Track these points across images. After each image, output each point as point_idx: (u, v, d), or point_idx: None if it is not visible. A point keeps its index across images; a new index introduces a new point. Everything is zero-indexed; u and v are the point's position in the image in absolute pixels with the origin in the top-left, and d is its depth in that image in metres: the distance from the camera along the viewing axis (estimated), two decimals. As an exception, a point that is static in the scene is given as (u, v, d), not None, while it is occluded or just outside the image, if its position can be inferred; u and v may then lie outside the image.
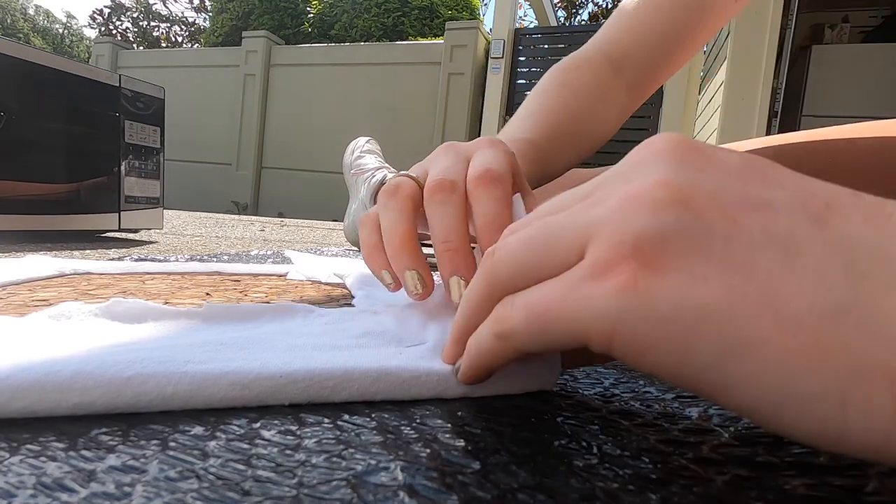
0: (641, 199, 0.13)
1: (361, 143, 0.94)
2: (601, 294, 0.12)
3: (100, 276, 0.40)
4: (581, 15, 9.68)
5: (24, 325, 0.21)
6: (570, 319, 0.13)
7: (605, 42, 0.49)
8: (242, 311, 0.25)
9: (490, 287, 0.16)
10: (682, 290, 0.11)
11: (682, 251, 0.12)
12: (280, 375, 0.17)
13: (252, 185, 5.21)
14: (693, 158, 0.13)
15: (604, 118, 0.47)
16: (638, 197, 0.13)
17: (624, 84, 0.48)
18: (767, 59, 2.49)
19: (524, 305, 0.15)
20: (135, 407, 0.16)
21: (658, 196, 0.12)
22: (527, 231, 0.16)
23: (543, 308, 0.14)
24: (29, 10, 17.93)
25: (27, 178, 0.80)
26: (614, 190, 0.14)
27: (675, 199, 0.12)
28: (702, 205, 0.12)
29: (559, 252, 0.14)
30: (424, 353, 0.21)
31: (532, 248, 0.15)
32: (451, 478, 0.13)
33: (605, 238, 0.13)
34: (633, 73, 0.48)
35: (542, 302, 0.14)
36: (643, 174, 0.13)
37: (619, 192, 0.13)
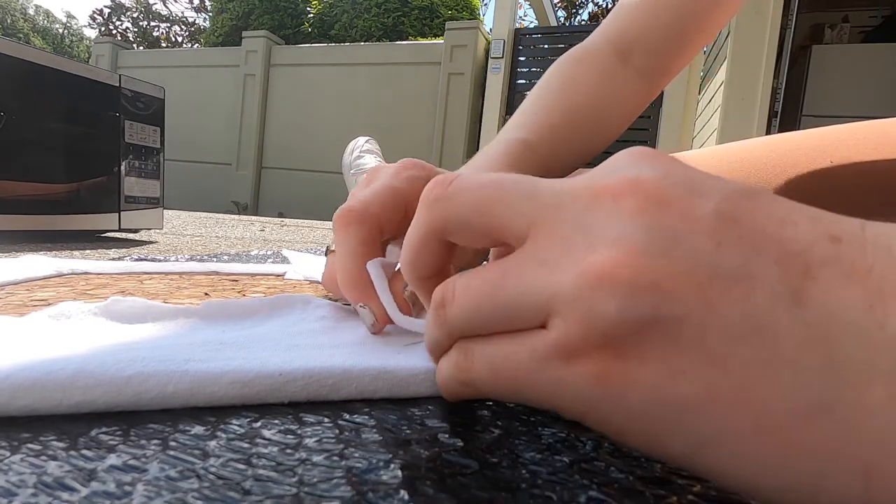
0: (612, 279, 0.11)
1: (361, 143, 0.94)
2: (571, 380, 0.12)
3: (98, 276, 0.40)
4: (581, 15, 9.69)
5: (25, 324, 0.21)
6: (540, 393, 0.13)
7: (612, 30, 0.46)
8: (240, 306, 0.25)
9: (447, 332, 0.15)
10: (656, 384, 0.11)
11: (656, 341, 0.11)
12: (280, 374, 0.17)
13: (252, 185, 5.21)
14: (662, 216, 0.12)
15: (611, 112, 0.45)
16: (608, 276, 0.12)
17: (633, 74, 0.45)
18: (767, 59, 2.49)
19: (488, 363, 0.14)
20: (136, 405, 0.16)
21: (629, 278, 0.11)
22: (480, 284, 0.14)
23: (510, 374, 0.13)
24: (29, 10, 17.93)
25: (27, 178, 0.80)
26: (574, 250, 0.13)
27: (647, 282, 0.11)
28: (676, 286, 0.11)
29: (521, 313, 0.13)
30: (422, 351, 0.21)
31: (487, 302, 0.14)
32: (451, 478, 0.13)
33: (573, 320, 0.12)
34: (644, 60, 0.45)
35: (507, 367, 0.14)
36: (609, 236, 0.12)
37: (581, 259, 0.12)
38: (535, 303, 0.13)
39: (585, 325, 0.12)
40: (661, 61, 0.46)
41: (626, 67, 0.45)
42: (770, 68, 2.51)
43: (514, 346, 0.13)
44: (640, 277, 0.11)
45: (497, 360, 0.14)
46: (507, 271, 0.14)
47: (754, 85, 2.52)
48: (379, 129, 3.82)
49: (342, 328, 0.24)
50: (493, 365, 0.14)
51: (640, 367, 0.11)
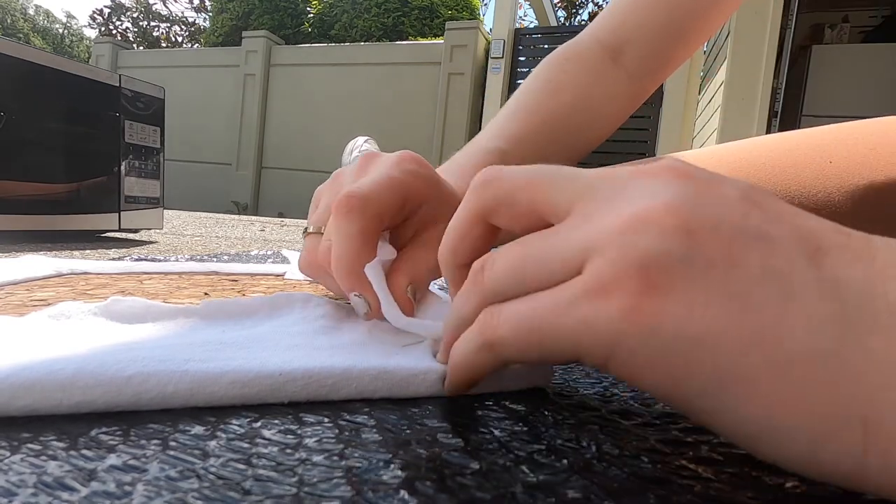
0: (648, 221, 0.13)
1: (360, 143, 0.94)
2: (601, 315, 0.12)
3: (97, 276, 0.40)
4: (581, 15, 9.69)
5: (24, 324, 0.21)
6: (565, 338, 0.13)
7: (602, 29, 0.45)
8: (240, 305, 0.25)
9: (482, 297, 0.16)
10: (683, 316, 0.12)
11: (685, 278, 0.12)
12: (279, 374, 0.17)
13: (252, 185, 5.21)
14: (695, 187, 0.13)
15: (601, 113, 0.44)
16: (645, 219, 0.13)
17: (624, 74, 0.44)
18: (767, 59, 2.49)
19: (514, 317, 0.14)
20: (136, 405, 0.16)
21: (665, 221, 0.12)
22: (521, 248, 0.15)
23: (536, 323, 0.14)
24: (29, 10, 17.93)
25: (27, 178, 0.80)
26: (615, 208, 0.14)
27: (681, 226, 0.12)
28: (704, 237, 0.12)
29: (555, 266, 0.14)
30: (422, 351, 0.21)
31: (526, 261, 0.15)
32: (450, 478, 0.13)
33: (609, 256, 0.13)
34: (635, 61, 0.44)
35: (535, 316, 0.14)
36: (647, 195, 0.13)
37: (622, 211, 0.13)
38: (574, 251, 0.14)
39: (620, 259, 0.12)
40: (654, 62, 0.44)
41: (616, 68, 0.44)
42: (770, 68, 2.51)
43: (543, 298, 0.14)
44: (675, 222, 0.12)
45: (523, 312, 0.14)
46: (548, 234, 0.15)
47: (754, 85, 2.52)
48: (379, 129, 3.83)
49: (342, 329, 0.24)
50: (519, 317, 0.14)
51: (669, 300, 0.12)
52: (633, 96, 0.46)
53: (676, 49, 0.44)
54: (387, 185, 0.25)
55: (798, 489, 0.13)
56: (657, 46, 0.44)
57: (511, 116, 0.42)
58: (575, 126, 0.43)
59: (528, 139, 0.40)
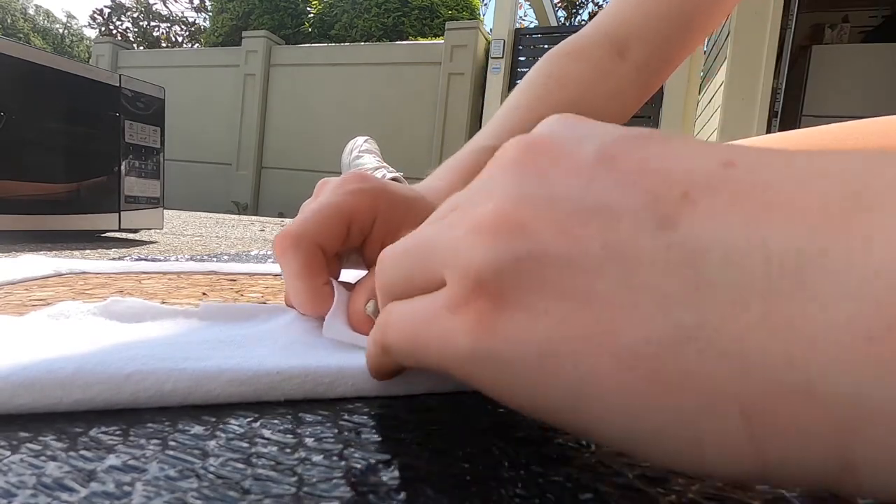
0: (480, 228, 0.12)
1: (360, 143, 0.94)
2: (455, 330, 0.12)
3: (96, 276, 0.40)
4: (581, 15, 9.69)
5: (24, 324, 0.21)
6: (433, 350, 0.13)
7: (608, 23, 0.44)
8: (239, 310, 0.25)
9: (381, 291, 0.16)
10: (523, 327, 0.11)
11: (519, 282, 0.11)
12: (277, 372, 0.17)
13: (252, 185, 5.21)
14: (537, 165, 0.12)
15: (603, 108, 0.43)
16: (478, 226, 0.12)
17: (632, 66, 0.43)
18: (767, 59, 2.50)
19: (398, 322, 0.14)
20: (134, 403, 0.16)
21: (492, 223, 0.12)
22: (407, 242, 0.15)
23: (412, 331, 0.14)
24: (29, 10, 17.94)
25: (27, 178, 0.80)
26: (465, 212, 0.13)
27: (509, 223, 0.11)
28: (536, 224, 0.11)
29: (426, 272, 0.14)
30: None
31: (407, 261, 0.15)
32: (450, 478, 0.13)
33: (454, 270, 0.12)
34: (642, 52, 0.42)
35: (413, 323, 0.14)
36: (485, 195, 0.13)
37: (467, 216, 0.13)
38: (435, 261, 0.13)
39: (462, 275, 0.12)
40: (661, 54, 0.43)
41: (623, 62, 0.43)
42: (770, 68, 2.51)
43: (421, 304, 0.14)
44: (503, 222, 0.11)
45: (406, 317, 0.14)
46: (423, 232, 0.15)
47: (754, 85, 2.52)
48: (379, 128, 3.83)
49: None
50: (403, 322, 0.14)
51: (508, 311, 0.11)
52: (640, 92, 0.45)
53: (684, 41, 0.43)
54: (325, 213, 0.25)
55: (797, 489, 0.13)
56: (664, 39, 0.43)
57: (510, 112, 0.41)
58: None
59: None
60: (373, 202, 0.26)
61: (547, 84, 0.42)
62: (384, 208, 0.27)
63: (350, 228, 0.26)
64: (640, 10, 0.43)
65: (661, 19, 0.42)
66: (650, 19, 0.43)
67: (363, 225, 0.26)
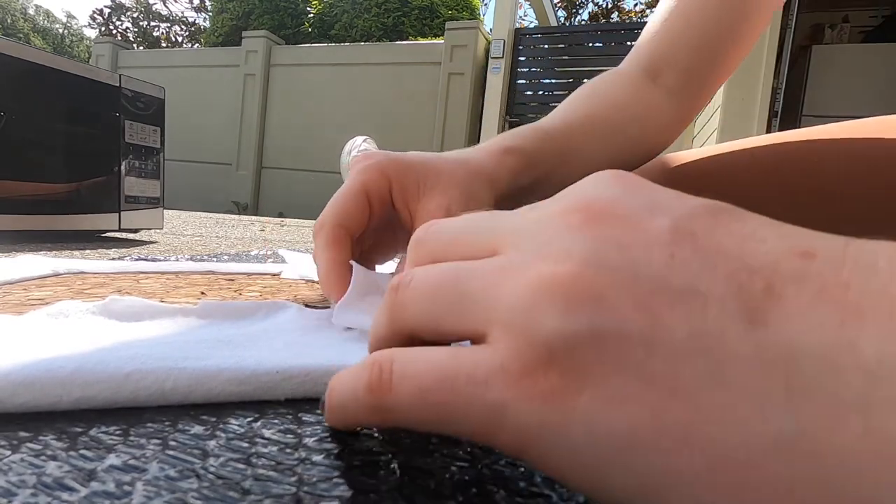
0: (552, 289, 0.11)
1: (359, 143, 0.94)
2: (513, 401, 0.11)
3: (94, 276, 0.40)
4: (581, 15, 9.69)
5: (24, 323, 0.21)
6: (473, 420, 0.11)
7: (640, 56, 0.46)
8: (237, 308, 0.25)
9: (393, 320, 0.15)
10: (598, 411, 0.10)
11: (597, 361, 0.10)
12: (276, 371, 0.17)
13: (252, 185, 5.21)
14: (610, 229, 0.12)
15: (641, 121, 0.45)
16: (549, 286, 0.11)
17: (664, 91, 0.45)
18: (767, 59, 2.50)
19: (414, 382, 0.12)
20: (134, 401, 0.16)
21: (568, 287, 0.11)
22: (436, 276, 0.14)
23: (441, 399, 0.12)
24: (29, 10, 17.94)
25: (27, 178, 0.80)
26: (526, 263, 0.12)
27: (587, 291, 0.11)
28: (616, 297, 0.10)
29: (462, 319, 0.13)
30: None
31: (439, 298, 0.13)
32: (450, 478, 0.13)
33: (513, 331, 0.11)
34: (674, 79, 0.45)
35: (440, 389, 0.12)
36: (556, 248, 0.12)
37: (531, 270, 0.12)
38: (483, 305, 0.12)
39: (526, 338, 0.11)
40: (694, 79, 0.45)
41: (655, 86, 0.45)
42: (770, 68, 2.51)
43: (449, 365, 0.12)
44: (581, 289, 0.11)
45: (427, 381, 0.12)
46: (470, 268, 0.13)
47: (754, 85, 2.52)
48: (379, 128, 3.83)
49: (339, 329, 0.24)
50: (421, 385, 0.12)
51: (581, 394, 0.10)
52: (677, 114, 0.46)
53: (714, 66, 0.45)
54: (342, 197, 0.28)
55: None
56: (694, 64, 0.45)
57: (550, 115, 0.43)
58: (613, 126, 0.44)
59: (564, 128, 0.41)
60: (381, 172, 0.28)
61: (583, 94, 0.44)
62: (395, 174, 0.29)
63: (371, 203, 0.28)
64: (667, 42, 0.45)
65: (687, 49, 0.44)
66: (679, 49, 0.45)
67: (381, 194, 0.28)
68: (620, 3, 9.20)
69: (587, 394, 0.10)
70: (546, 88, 4.26)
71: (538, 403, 0.10)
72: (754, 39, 0.46)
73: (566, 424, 0.10)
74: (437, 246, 0.15)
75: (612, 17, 9.03)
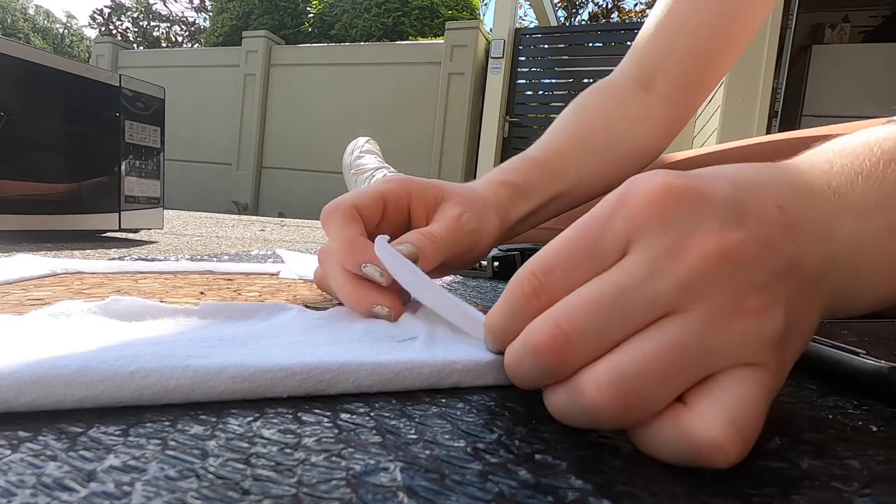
0: (729, 255, 0.14)
1: (361, 143, 0.94)
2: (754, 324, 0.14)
3: (92, 276, 0.40)
4: (581, 15, 9.68)
5: (25, 323, 0.21)
6: (727, 354, 0.14)
7: (630, 66, 0.47)
8: (238, 309, 0.25)
9: (561, 363, 0.15)
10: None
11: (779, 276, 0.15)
12: (279, 369, 0.17)
13: (252, 185, 5.21)
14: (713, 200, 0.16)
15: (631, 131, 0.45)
16: (726, 254, 0.14)
17: (657, 99, 0.46)
18: (767, 59, 2.49)
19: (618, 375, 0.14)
20: (138, 400, 0.16)
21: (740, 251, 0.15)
22: (595, 291, 0.15)
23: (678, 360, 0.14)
24: (29, 10, 17.93)
25: (27, 178, 0.80)
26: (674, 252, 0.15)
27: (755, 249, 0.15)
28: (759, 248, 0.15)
29: (636, 311, 0.15)
30: (416, 346, 0.22)
31: (605, 304, 0.15)
32: (450, 478, 0.13)
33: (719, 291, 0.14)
34: (666, 86, 0.46)
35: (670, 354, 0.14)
36: (699, 229, 0.15)
37: (686, 253, 0.15)
38: (665, 293, 0.14)
39: (732, 290, 0.14)
40: (684, 87, 0.46)
41: (647, 94, 0.46)
42: (770, 68, 2.51)
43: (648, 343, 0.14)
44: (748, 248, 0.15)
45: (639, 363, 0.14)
46: (616, 277, 0.15)
47: (754, 85, 2.51)
48: (379, 129, 3.83)
49: (338, 326, 0.25)
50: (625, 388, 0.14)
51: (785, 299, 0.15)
52: (670, 120, 0.47)
53: (704, 73, 0.46)
54: (361, 191, 0.30)
55: (798, 489, 0.13)
56: (685, 71, 0.46)
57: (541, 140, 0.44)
58: (605, 141, 0.45)
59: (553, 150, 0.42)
60: (401, 185, 0.31)
61: (573, 112, 0.46)
62: (415, 189, 0.31)
63: (386, 206, 0.30)
64: (658, 51, 0.46)
65: (678, 56, 0.45)
66: (669, 57, 0.46)
67: (398, 203, 0.31)
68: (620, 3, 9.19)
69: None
70: (546, 88, 4.26)
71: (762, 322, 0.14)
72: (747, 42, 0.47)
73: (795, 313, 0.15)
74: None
75: (613, 17, 9.02)
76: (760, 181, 0.17)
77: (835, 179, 0.18)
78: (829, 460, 0.15)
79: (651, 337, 0.14)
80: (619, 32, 4.45)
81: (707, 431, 0.13)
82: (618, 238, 0.16)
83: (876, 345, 0.23)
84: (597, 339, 0.15)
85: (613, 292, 0.15)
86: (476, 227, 0.31)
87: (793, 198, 0.17)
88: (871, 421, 0.18)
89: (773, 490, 0.13)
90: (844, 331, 0.25)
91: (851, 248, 0.17)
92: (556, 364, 0.15)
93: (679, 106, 0.47)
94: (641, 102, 0.46)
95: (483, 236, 0.32)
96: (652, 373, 0.14)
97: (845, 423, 0.18)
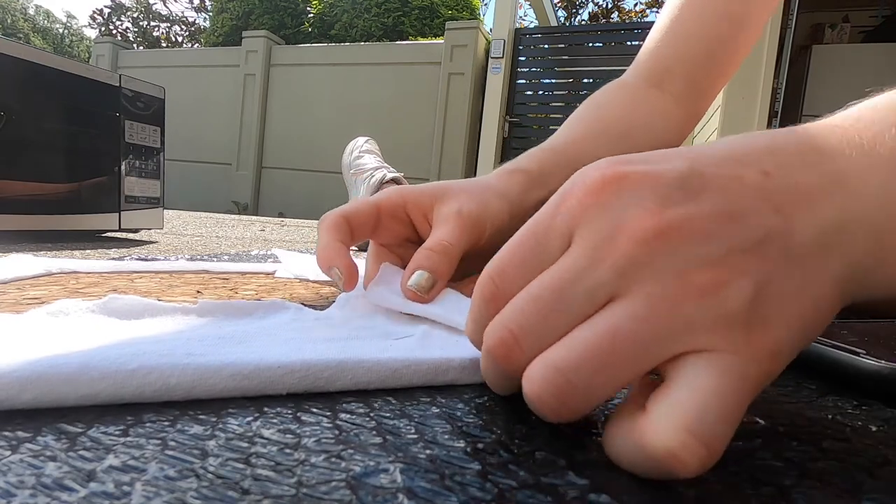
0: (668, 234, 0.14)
1: (360, 143, 0.94)
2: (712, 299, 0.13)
3: (87, 275, 0.40)
4: (581, 15, 9.68)
5: (24, 321, 0.21)
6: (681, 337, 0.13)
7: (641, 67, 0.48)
8: (237, 307, 0.26)
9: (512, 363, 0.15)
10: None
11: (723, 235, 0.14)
12: (278, 366, 0.17)
13: (252, 185, 5.21)
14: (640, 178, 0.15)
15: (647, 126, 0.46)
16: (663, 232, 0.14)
17: (669, 97, 0.47)
18: (767, 59, 2.49)
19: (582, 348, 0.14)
20: (139, 398, 0.16)
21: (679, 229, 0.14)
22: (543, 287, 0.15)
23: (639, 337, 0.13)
24: (29, 10, 17.94)
25: (27, 178, 0.80)
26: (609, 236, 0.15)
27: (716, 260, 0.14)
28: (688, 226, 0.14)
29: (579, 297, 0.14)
30: (413, 344, 0.22)
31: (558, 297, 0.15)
32: (450, 479, 0.13)
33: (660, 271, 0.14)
34: (677, 86, 0.47)
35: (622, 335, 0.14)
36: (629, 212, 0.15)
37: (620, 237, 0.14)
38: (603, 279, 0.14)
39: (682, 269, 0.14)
40: (697, 87, 0.47)
41: (661, 93, 0.47)
42: (770, 68, 2.51)
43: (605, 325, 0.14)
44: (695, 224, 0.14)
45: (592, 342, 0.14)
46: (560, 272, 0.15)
47: (754, 85, 2.51)
48: (379, 129, 3.82)
49: (336, 325, 0.25)
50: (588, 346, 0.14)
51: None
52: (682, 118, 0.48)
53: (713, 71, 0.47)
54: (359, 201, 0.31)
55: (798, 489, 0.13)
56: (696, 72, 0.47)
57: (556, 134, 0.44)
58: (622, 130, 0.45)
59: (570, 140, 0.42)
60: (397, 192, 0.32)
61: (587, 107, 0.46)
62: (410, 195, 0.32)
63: (381, 214, 0.31)
64: (669, 54, 0.47)
65: (688, 58, 0.47)
66: (680, 59, 0.47)
67: (394, 210, 0.31)
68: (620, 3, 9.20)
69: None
70: (546, 88, 4.26)
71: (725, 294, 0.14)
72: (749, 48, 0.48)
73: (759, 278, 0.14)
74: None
75: (613, 17, 9.02)
76: (746, 150, 0.16)
77: (861, 133, 0.16)
78: (829, 460, 0.15)
79: (588, 326, 0.14)
80: (619, 32, 4.46)
81: (661, 441, 0.12)
82: (561, 233, 0.16)
83: (876, 345, 0.23)
84: (542, 335, 0.14)
85: (553, 287, 0.15)
86: (476, 212, 0.31)
87: (788, 162, 0.15)
88: (870, 421, 0.18)
89: (773, 490, 0.13)
90: (844, 331, 0.25)
91: (877, 210, 0.14)
92: (508, 364, 0.15)
93: (690, 105, 0.48)
94: (656, 99, 0.47)
95: (486, 221, 0.31)
96: (586, 363, 0.13)
97: (845, 423, 0.18)
